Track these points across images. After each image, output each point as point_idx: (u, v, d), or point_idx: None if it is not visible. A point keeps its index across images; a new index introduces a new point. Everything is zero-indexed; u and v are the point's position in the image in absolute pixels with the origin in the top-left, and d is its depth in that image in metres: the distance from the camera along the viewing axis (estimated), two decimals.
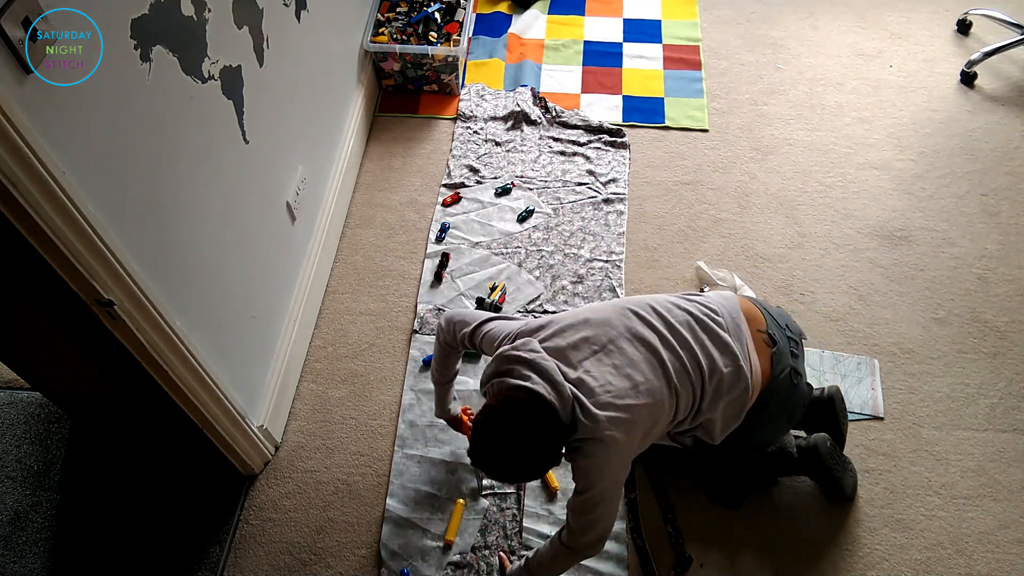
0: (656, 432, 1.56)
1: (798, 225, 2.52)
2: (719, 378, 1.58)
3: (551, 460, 1.46)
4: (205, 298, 1.68)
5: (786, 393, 1.68)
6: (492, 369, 1.53)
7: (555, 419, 1.41)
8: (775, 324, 1.73)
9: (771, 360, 1.66)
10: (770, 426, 1.74)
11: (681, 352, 1.56)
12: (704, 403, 1.58)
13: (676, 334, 1.58)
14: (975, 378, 2.16)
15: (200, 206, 1.62)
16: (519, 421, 1.40)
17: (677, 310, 1.64)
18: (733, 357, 1.59)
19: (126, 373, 1.55)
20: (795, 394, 1.71)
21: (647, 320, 1.59)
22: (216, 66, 1.62)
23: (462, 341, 1.71)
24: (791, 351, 1.72)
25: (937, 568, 1.86)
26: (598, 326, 1.56)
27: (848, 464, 1.94)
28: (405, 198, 2.64)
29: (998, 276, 2.37)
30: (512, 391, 1.44)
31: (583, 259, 2.45)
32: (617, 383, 1.48)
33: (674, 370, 1.54)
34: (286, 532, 1.95)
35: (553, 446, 1.44)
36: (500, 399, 1.44)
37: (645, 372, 1.51)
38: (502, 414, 1.42)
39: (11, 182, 1.10)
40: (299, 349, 2.22)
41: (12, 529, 1.96)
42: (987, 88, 2.89)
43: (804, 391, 1.74)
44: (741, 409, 1.62)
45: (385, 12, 2.85)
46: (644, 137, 2.80)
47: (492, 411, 1.44)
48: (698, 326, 1.62)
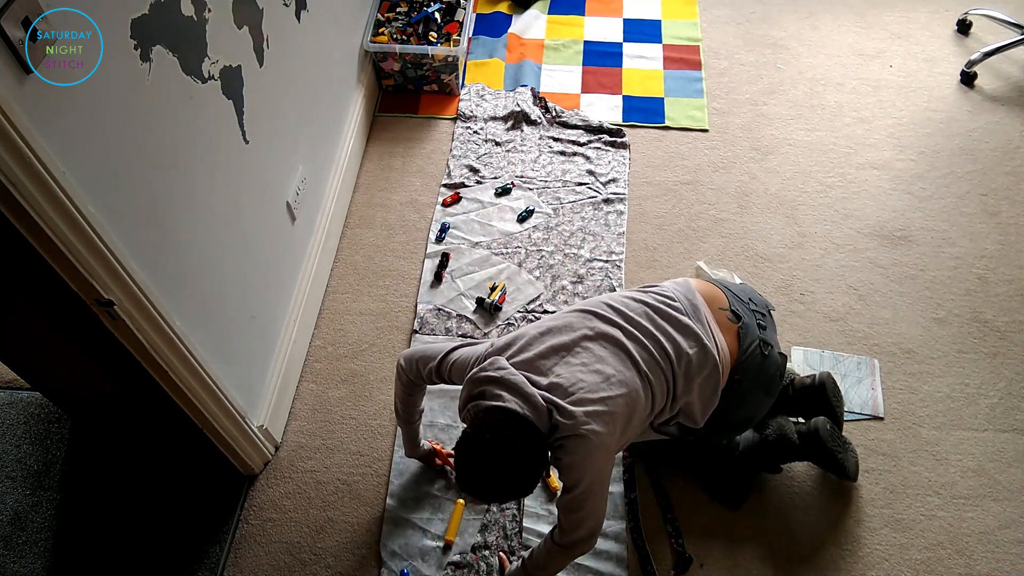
0: (636, 423, 1.57)
1: (798, 225, 2.52)
2: (687, 360, 1.60)
3: (538, 470, 1.46)
4: (205, 298, 1.68)
5: (758, 366, 1.70)
6: (465, 395, 1.54)
7: (533, 431, 1.42)
8: (737, 300, 1.75)
9: (737, 336, 1.68)
10: (750, 401, 1.75)
11: (645, 341, 1.58)
12: (678, 388, 1.60)
13: (637, 325, 1.61)
14: (975, 378, 2.16)
15: (200, 206, 1.62)
16: (498, 442, 1.40)
17: (633, 303, 1.66)
18: (696, 338, 1.61)
19: (126, 373, 1.55)
20: (767, 364, 1.72)
21: (606, 317, 1.61)
22: (216, 66, 1.62)
23: (428, 377, 1.68)
24: (758, 323, 1.74)
25: (937, 568, 1.86)
26: (560, 332, 1.58)
27: (848, 444, 1.94)
28: (405, 198, 2.64)
29: (998, 276, 2.37)
30: (486, 413, 1.45)
31: (583, 259, 2.45)
32: (588, 379, 1.49)
33: (642, 360, 1.56)
34: (286, 532, 1.95)
35: (537, 457, 1.44)
36: (476, 423, 1.45)
37: (614, 365, 1.53)
38: (481, 438, 1.43)
39: (11, 182, 1.10)
40: (299, 349, 2.22)
41: (12, 529, 1.96)
42: (987, 88, 2.89)
43: (776, 360, 1.75)
44: (715, 387, 1.64)
45: (385, 12, 2.85)
46: (644, 137, 2.80)
47: (471, 437, 1.44)
48: (656, 314, 1.64)
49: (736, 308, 1.72)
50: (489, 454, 1.41)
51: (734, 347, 1.68)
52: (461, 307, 2.35)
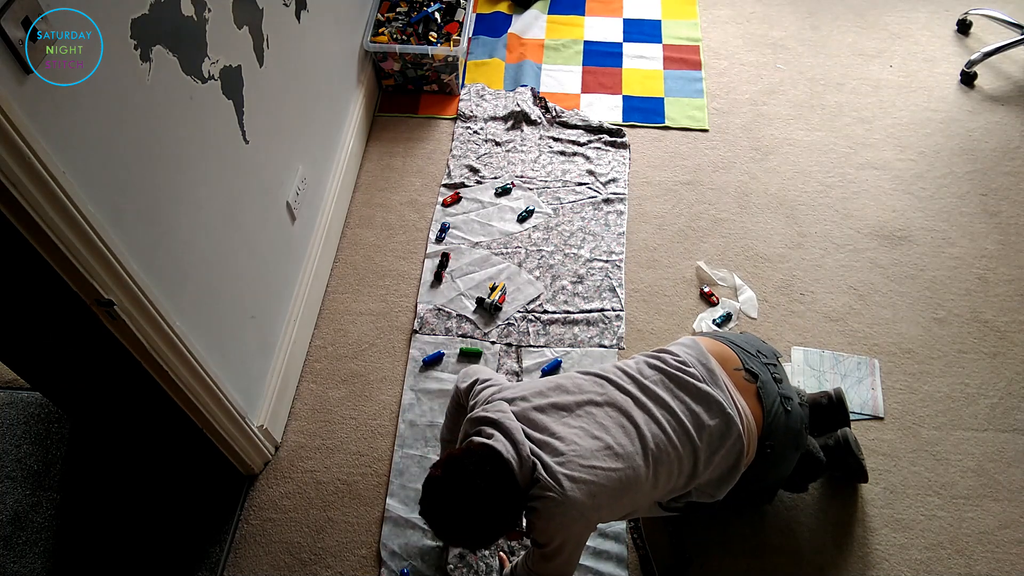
0: (627, 503, 1.49)
1: (798, 225, 2.52)
2: (708, 433, 1.52)
3: (503, 521, 1.42)
4: (205, 298, 1.68)
5: (784, 426, 1.62)
6: (463, 431, 1.53)
7: (510, 479, 1.39)
8: (748, 355, 1.67)
9: (758, 396, 1.60)
10: (781, 463, 1.68)
11: (658, 414, 1.51)
12: (699, 464, 1.52)
13: (651, 395, 1.54)
14: (975, 378, 2.16)
15: (200, 206, 1.62)
16: (473, 475, 1.37)
17: (648, 369, 1.59)
18: (718, 407, 1.54)
19: (126, 373, 1.55)
20: (792, 420, 1.64)
21: (619, 385, 1.55)
22: (216, 66, 1.62)
23: (461, 395, 1.69)
24: (773, 378, 1.65)
25: (937, 568, 1.86)
26: (567, 391, 1.54)
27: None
28: (405, 198, 2.64)
29: (998, 276, 2.37)
30: (474, 445, 1.43)
31: (583, 259, 2.45)
32: (584, 444, 1.44)
33: (651, 435, 1.48)
34: (286, 532, 1.95)
35: (505, 505, 1.40)
36: (461, 450, 1.43)
37: (617, 436, 1.47)
38: (458, 464, 1.40)
39: (11, 182, 1.10)
40: (299, 349, 2.22)
41: (12, 529, 1.96)
42: (987, 88, 2.89)
43: (799, 413, 1.67)
44: (738, 459, 1.56)
45: (385, 12, 2.85)
46: (644, 137, 2.80)
47: (449, 460, 1.41)
48: (672, 383, 1.56)
49: (750, 366, 1.64)
50: (461, 482, 1.37)
51: (757, 410, 1.59)
52: (461, 307, 2.35)
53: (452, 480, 1.39)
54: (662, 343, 2.24)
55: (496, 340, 2.27)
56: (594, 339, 2.27)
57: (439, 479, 1.40)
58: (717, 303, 2.33)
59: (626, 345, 2.25)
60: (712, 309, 2.32)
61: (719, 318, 2.28)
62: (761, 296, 2.35)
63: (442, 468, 1.41)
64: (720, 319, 2.27)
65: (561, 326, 2.30)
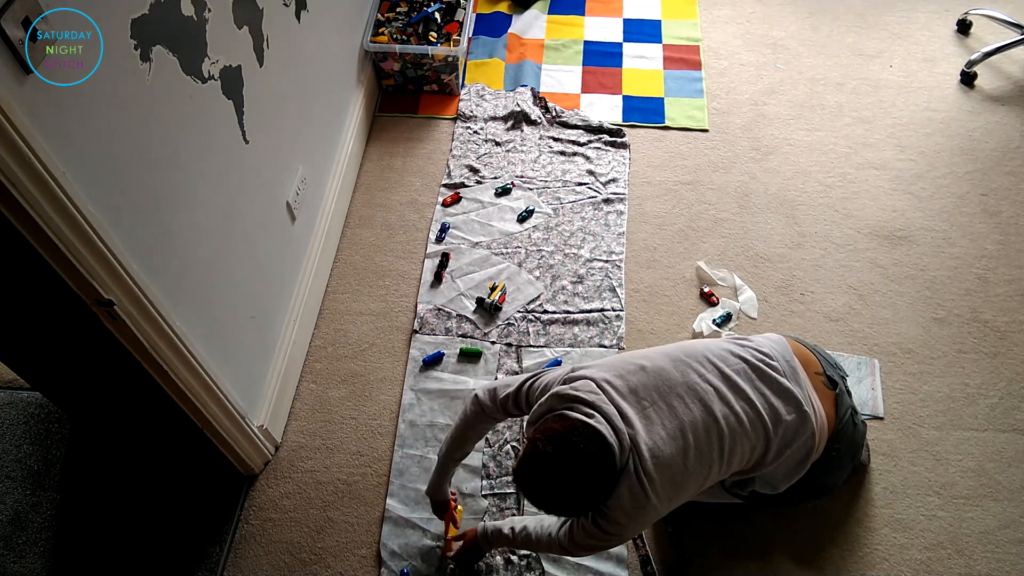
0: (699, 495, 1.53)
1: (798, 225, 2.52)
2: (784, 427, 1.53)
3: (594, 504, 1.42)
4: (205, 298, 1.68)
5: (850, 435, 1.67)
6: (546, 407, 1.47)
7: (613, 465, 1.37)
8: (829, 365, 1.70)
9: (835, 403, 1.63)
10: (840, 469, 1.73)
11: (737, 406, 1.50)
12: (769, 455, 1.53)
13: (733, 386, 1.52)
14: (975, 378, 2.16)
15: (200, 206, 1.62)
16: (581, 453, 1.34)
17: (732, 357, 1.58)
18: (796, 403, 1.54)
19: (126, 373, 1.55)
20: (857, 433, 1.71)
21: (702, 373, 1.52)
22: (216, 66, 1.62)
23: (504, 405, 1.61)
24: (848, 391, 1.70)
25: (937, 568, 1.86)
26: (652, 376, 1.50)
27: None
28: (405, 198, 2.64)
29: (998, 276, 2.37)
30: (577, 423, 1.38)
31: (583, 259, 2.45)
32: (667, 449, 1.42)
33: (729, 428, 1.47)
34: (286, 532, 1.95)
35: (603, 492, 1.39)
36: (565, 426, 1.38)
37: (699, 434, 1.45)
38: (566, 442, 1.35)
39: (11, 182, 1.10)
40: (299, 349, 2.22)
41: (12, 529, 1.96)
42: (987, 88, 2.89)
43: (862, 429, 1.73)
44: (807, 456, 1.57)
45: (385, 12, 2.85)
46: (644, 137, 2.80)
47: (556, 436, 1.36)
48: (755, 374, 1.56)
49: (831, 373, 1.67)
50: (571, 463, 1.34)
51: (831, 414, 1.62)
52: (461, 307, 2.35)
53: (562, 457, 1.35)
54: (662, 343, 2.24)
55: (496, 340, 2.27)
56: (594, 339, 2.27)
57: (549, 456, 1.35)
58: (717, 303, 2.33)
59: (626, 345, 2.25)
60: (712, 309, 2.32)
61: (719, 318, 2.28)
62: (761, 296, 2.35)
63: (550, 442, 1.36)
64: (720, 319, 2.27)
65: (561, 326, 2.30)
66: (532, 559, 1.89)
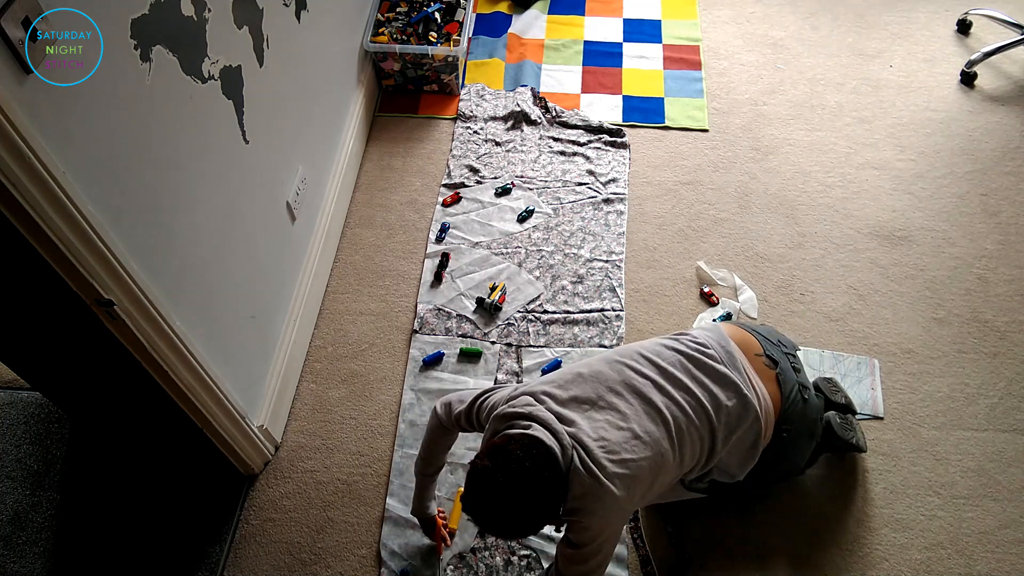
0: (658, 486, 1.50)
1: (798, 225, 2.52)
2: (725, 413, 1.53)
3: (548, 513, 1.39)
4: (205, 298, 1.68)
5: (801, 413, 1.66)
6: (491, 431, 1.49)
7: (555, 465, 1.35)
8: (769, 344, 1.69)
9: (777, 382, 1.63)
10: (797, 449, 1.72)
11: (678, 396, 1.51)
12: (717, 443, 1.53)
13: (670, 377, 1.54)
14: (975, 378, 2.16)
15: (200, 206, 1.62)
16: (521, 459, 1.33)
17: (667, 351, 1.59)
18: (735, 388, 1.55)
19: (126, 373, 1.55)
20: (809, 409, 1.68)
21: (638, 369, 1.54)
22: (216, 66, 1.62)
23: (458, 421, 1.63)
24: (793, 367, 1.69)
25: (937, 568, 1.86)
26: (587, 382, 1.52)
27: (856, 424, 1.95)
28: (405, 198, 2.64)
29: (998, 276, 2.37)
30: (514, 436, 1.38)
31: (583, 259, 2.45)
32: (613, 437, 1.43)
33: (673, 417, 1.48)
34: (286, 532, 1.95)
35: (553, 496, 1.37)
36: (503, 439, 1.38)
37: (642, 423, 1.46)
38: (504, 452, 1.34)
39: (11, 182, 1.10)
40: (299, 349, 2.22)
41: (12, 529, 1.96)
42: (987, 88, 2.89)
43: (815, 403, 1.71)
44: (755, 440, 1.58)
45: (385, 12, 2.85)
46: (644, 137, 2.80)
47: (494, 449, 1.36)
48: (691, 364, 1.57)
49: (771, 352, 1.67)
50: (512, 472, 1.32)
51: (776, 395, 1.62)
52: (461, 307, 2.35)
53: (501, 468, 1.33)
54: None
55: (496, 340, 2.27)
56: (594, 339, 2.27)
57: (488, 469, 1.34)
58: (717, 303, 2.33)
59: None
60: (712, 309, 2.32)
61: (719, 318, 2.28)
62: (761, 296, 2.35)
63: (488, 457, 1.35)
64: (720, 319, 2.27)
65: (561, 326, 2.30)
66: (532, 559, 1.89)
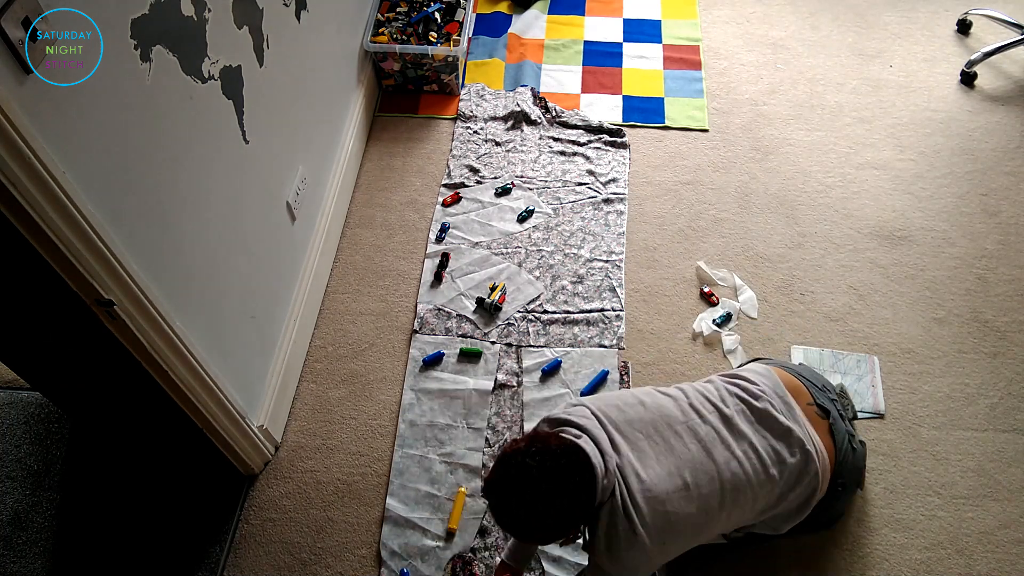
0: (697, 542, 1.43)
1: (798, 225, 2.52)
2: (788, 470, 1.47)
3: (566, 527, 1.29)
4: (205, 298, 1.68)
5: (852, 464, 1.60)
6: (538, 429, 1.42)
7: (591, 485, 1.27)
8: (817, 390, 1.63)
9: (830, 432, 1.57)
10: (844, 499, 1.68)
11: (739, 452, 1.42)
12: (773, 500, 1.47)
13: (734, 429, 1.45)
14: (975, 378, 2.16)
15: (200, 206, 1.62)
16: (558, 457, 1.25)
17: (729, 397, 1.52)
18: (799, 444, 1.49)
19: (126, 373, 1.55)
20: (857, 458, 1.65)
21: (701, 413, 1.46)
22: (216, 66, 1.62)
23: None
24: (840, 414, 1.63)
25: (937, 568, 1.86)
26: (648, 410, 1.44)
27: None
28: (405, 198, 2.64)
29: (998, 276, 2.37)
30: (560, 437, 1.31)
31: (583, 259, 2.45)
32: (662, 482, 1.33)
33: (732, 474, 1.40)
34: (286, 532, 1.95)
35: (574, 509, 1.27)
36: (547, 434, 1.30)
37: (698, 476, 1.37)
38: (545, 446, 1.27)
39: (11, 182, 1.10)
40: (299, 349, 2.22)
41: (12, 529, 1.96)
42: (987, 88, 2.89)
43: (863, 451, 1.67)
44: (811, 496, 1.51)
45: (385, 12, 2.85)
46: (644, 137, 2.80)
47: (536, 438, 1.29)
48: (754, 415, 1.49)
49: (821, 401, 1.60)
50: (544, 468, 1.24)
51: (829, 446, 1.56)
52: (461, 307, 2.35)
53: (535, 455, 1.25)
54: (662, 343, 2.25)
55: (496, 340, 2.27)
56: (594, 339, 2.27)
57: (521, 451, 1.26)
58: (717, 303, 2.33)
59: (626, 345, 2.25)
60: (712, 309, 2.32)
61: (719, 318, 2.28)
62: (761, 296, 2.35)
63: (527, 441, 1.28)
64: (720, 319, 2.27)
65: (561, 326, 2.30)
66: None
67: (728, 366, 2.19)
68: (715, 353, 2.23)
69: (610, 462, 1.32)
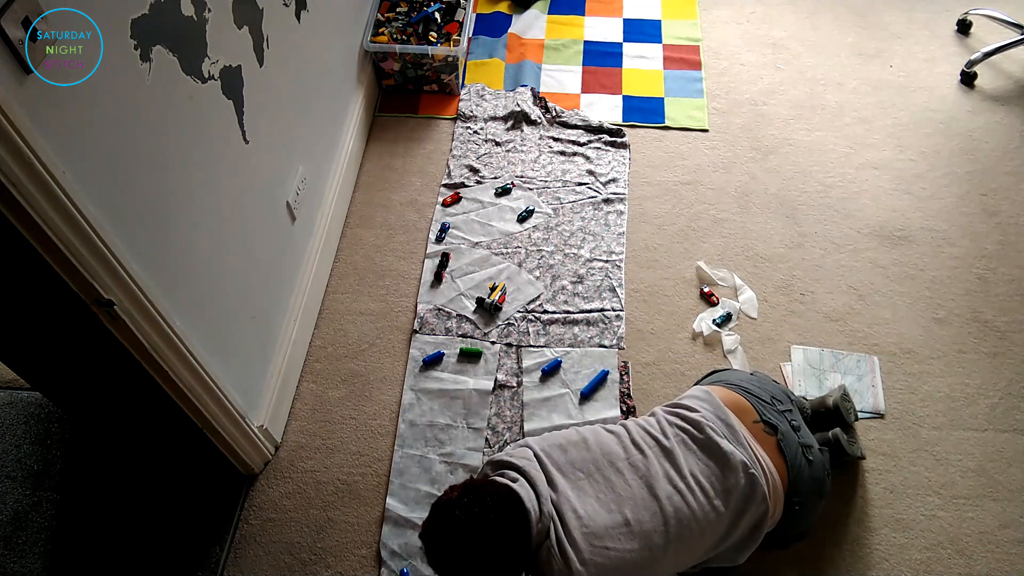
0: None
1: (798, 225, 2.52)
2: (734, 498, 1.45)
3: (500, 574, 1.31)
4: (205, 298, 1.68)
5: (808, 477, 1.56)
6: (482, 474, 1.46)
7: (525, 530, 1.29)
8: (763, 404, 1.60)
9: (779, 449, 1.54)
10: (807, 513, 1.63)
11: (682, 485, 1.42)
12: (723, 532, 1.46)
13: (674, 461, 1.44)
14: (975, 378, 2.16)
15: (200, 206, 1.62)
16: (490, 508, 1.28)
17: (670, 428, 1.52)
18: (743, 467, 1.47)
19: (126, 373, 1.55)
20: (815, 470, 1.59)
21: (641, 447, 1.46)
22: (216, 66, 1.62)
23: None
24: (792, 426, 1.59)
25: (937, 568, 1.86)
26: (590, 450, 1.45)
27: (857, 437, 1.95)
28: (405, 198, 2.64)
29: (998, 276, 2.37)
30: (497, 483, 1.34)
31: (583, 259, 2.45)
32: (600, 518, 1.34)
33: (675, 509, 1.39)
34: (286, 532, 1.95)
35: (509, 558, 1.30)
36: (483, 482, 1.33)
37: (639, 512, 1.37)
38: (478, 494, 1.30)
39: (11, 182, 1.10)
40: (299, 349, 2.22)
41: (12, 529, 1.96)
42: (987, 88, 2.89)
43: (821, 460, 1.62)
44: (761, 520, 1.49)
45: (385, 12, 2.85)
46: (644, 137, 2.80)
47: (469, 487, 1.32)
48: (696, 444, 1.48)
49: (768, 416, 1.57)
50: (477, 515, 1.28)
51: (780, 464, 1.53)
52: (461, 307, 2.35)
53: (466, 506, 1.30)
54: (662, 343, 2.25)
55: (496, 340, 2.27)
56: (594, 339, 2.27)
57: (453, 502, 1.31)
58: (717, 303, 2.33)
59: (626, 345, 2.25)
60: (712, 309, 2.32)
61: (719, 318, 2.28)
62: (761, 296, 2.35)
63: (461, 491, 1.32)
64: (720, 319, 2.27)
65: (561, 326, 2.30)
66: None
67: (728, 366, 2.19)
68: (715, 353, 2.23)
69: (545, 504, 1.33)
